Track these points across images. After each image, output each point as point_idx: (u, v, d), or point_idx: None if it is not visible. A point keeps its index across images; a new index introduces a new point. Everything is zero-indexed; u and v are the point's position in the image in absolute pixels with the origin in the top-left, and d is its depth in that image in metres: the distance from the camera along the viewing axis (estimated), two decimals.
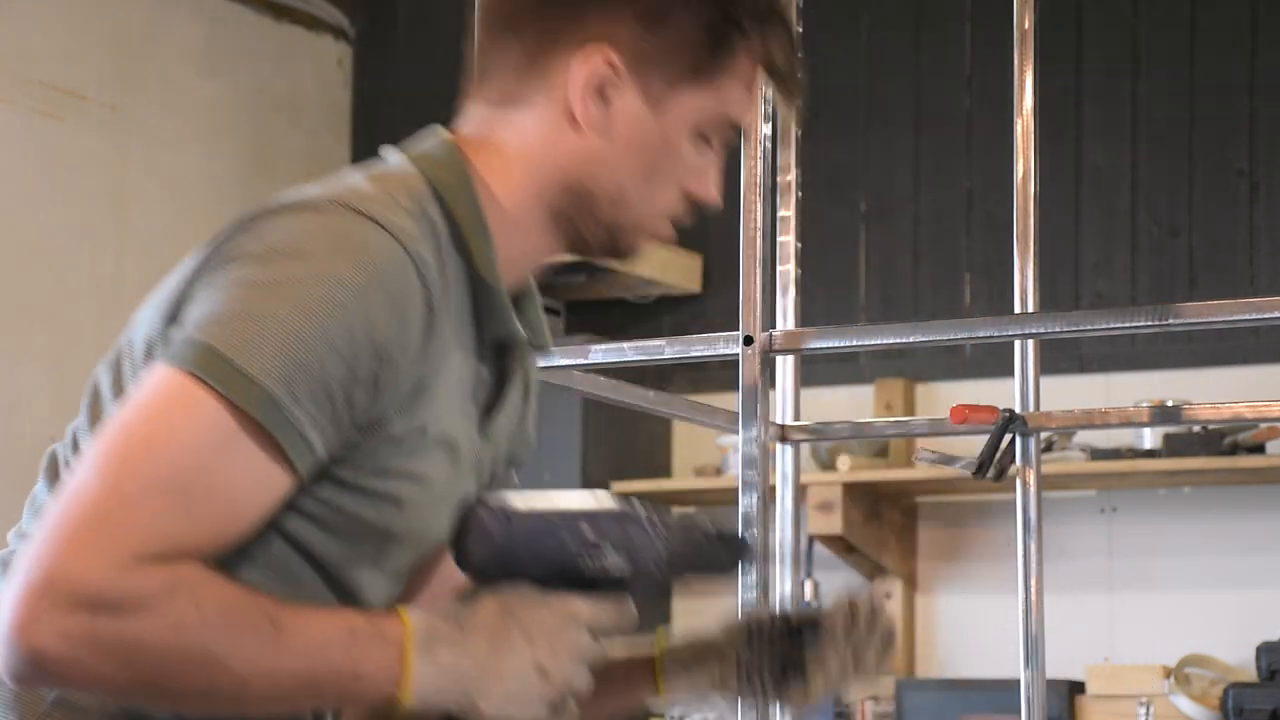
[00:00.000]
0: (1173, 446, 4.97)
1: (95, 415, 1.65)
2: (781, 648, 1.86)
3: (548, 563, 1.62)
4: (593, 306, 5.83)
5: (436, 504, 1.68)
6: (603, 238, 1.76)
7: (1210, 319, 2.12)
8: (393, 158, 1.74)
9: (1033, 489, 2.51)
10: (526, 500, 1.64)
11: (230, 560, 1.57)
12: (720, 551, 1.71)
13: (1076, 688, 5.02)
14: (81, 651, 1.47)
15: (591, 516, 1.63)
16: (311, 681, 1.53)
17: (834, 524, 5.20)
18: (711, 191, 1.77)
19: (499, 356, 1.75)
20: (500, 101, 1.74)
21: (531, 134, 1.72)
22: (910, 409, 5.47)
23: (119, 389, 1.62)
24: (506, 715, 1.58)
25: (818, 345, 2.25)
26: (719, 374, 5.33)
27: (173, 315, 1.59)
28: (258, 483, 1.53)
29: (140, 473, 1.49)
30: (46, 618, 1.46)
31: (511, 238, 1.72)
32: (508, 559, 1.61)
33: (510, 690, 1.58)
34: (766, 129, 2.22)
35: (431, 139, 1.75)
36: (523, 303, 1.79)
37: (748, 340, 2.19)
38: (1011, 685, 2.64)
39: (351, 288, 1.55)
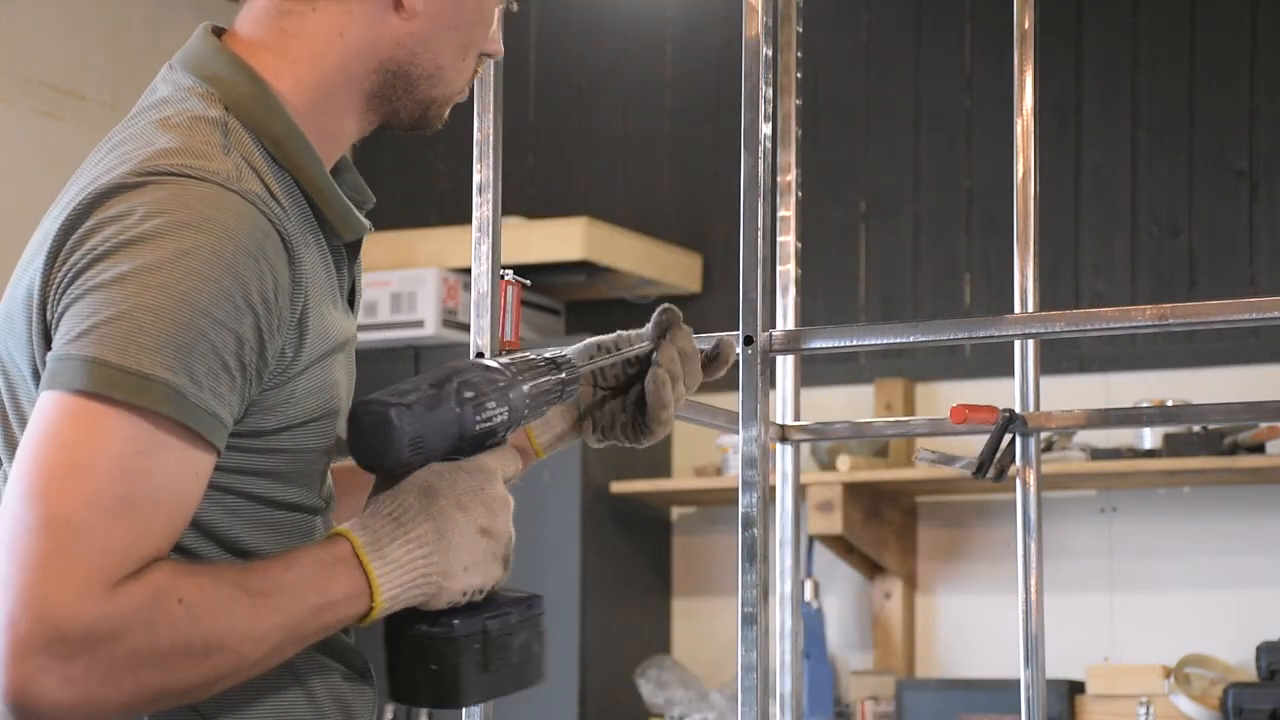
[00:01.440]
0: (1173, 446, 4.97)
1: (9, 440, 1.64)
2: (629, 392, 1.93)
3: (448, 435, 1.65)
4: (593, 306, 5.83)
5: (347, 397, 1.74)
6: (417, 114, 1.81)
7: (1210, 319, 2.12)
8: (178, 81, 1.73)
9: (1033, 489, 2.51)
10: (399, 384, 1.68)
11: (209, 533, 1.63)
12: (562, 379, 1.78)
13: (1076, 688, 5.02)
14: (91, 688, 1.48)
15: (463, 379, 1.67)
16: (296, 630, 1.57)
17: (834, 524, 5.21)
18: (500, 46, 1.85)
19: (349, 245, 1.78)
20: (305, 2, 1.74)
21: (346, 24, 1.74)
22: (910, 409, 5.47)
23: (20, 417, 1.62)
24: (473, 585, 1.65)
25: (818, 345, 2.25)
26: None
27: (45, 336, 1.59)
28: (188, 471, 1.54)
29: (82, 502, 1.48)
30: (47, 672, 1.46)
31: (321, 130, 1.74)
32: (418, 445, 1.64)
33: (467, 560, 1.64)
34: (766, 129, 2.22)
35: (211, 54, 1.74)
36: (340, 173, 1.82)
37: (748, 340, 2.19)
38: (1011, 685, 2.64)
39: (210, 255, 1.55)
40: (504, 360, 1.75)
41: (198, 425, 1.53)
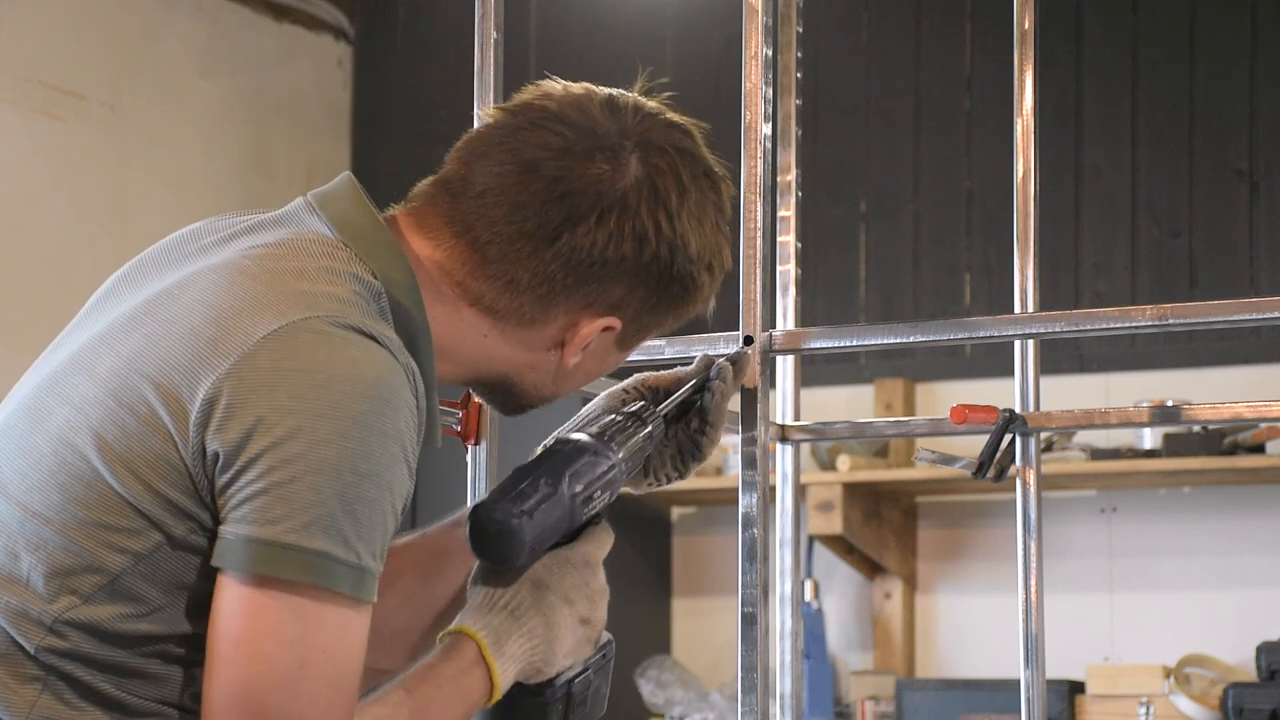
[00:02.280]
0: (1173, 446, 4.97)
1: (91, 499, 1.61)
2: (678, 436, 2.00)
3: (560, 530, 1.77)
4: None
5: None
6: (511, 410, 1.88)
7: (1210, 319, 2.12)
8: (326, 235, 1.72)
9: (1033, 489, 2.51)
10: (512, 478, 1.77)
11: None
12: (649, 433, 1.89)
13: (1076, 688, 5.02)
14: None
15: (574, 471, 1.78)
16: None
17: (834, 524, 5.20)
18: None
19: None
20: (470, 296, 1.76)
21: (497, 340, 1.78)
22: (910, 409, 5.47)
23: (83, 483, 1.60)
24: (564, 667, 1.77)
25: (818, 345, 2.25)
26: None
27: (209, 471, 1.58)
28: (365, 639, 1.61)
29: (309, 699, 1.55)
30: None
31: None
32: (536, 549, 1.75)
33: (567, 648, 1.77)
34: (766, 129, 2.22)
35: (371, 225, 1.74)
36: None
37: (748, 340, 2.19)
38: (1011, 685, 2.64)
39: (400, 436, 1.60)
40: (595, 430, 1.84)
41: (370, 596, 1.60)
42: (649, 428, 1.89)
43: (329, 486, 1.55)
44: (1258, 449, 4.94)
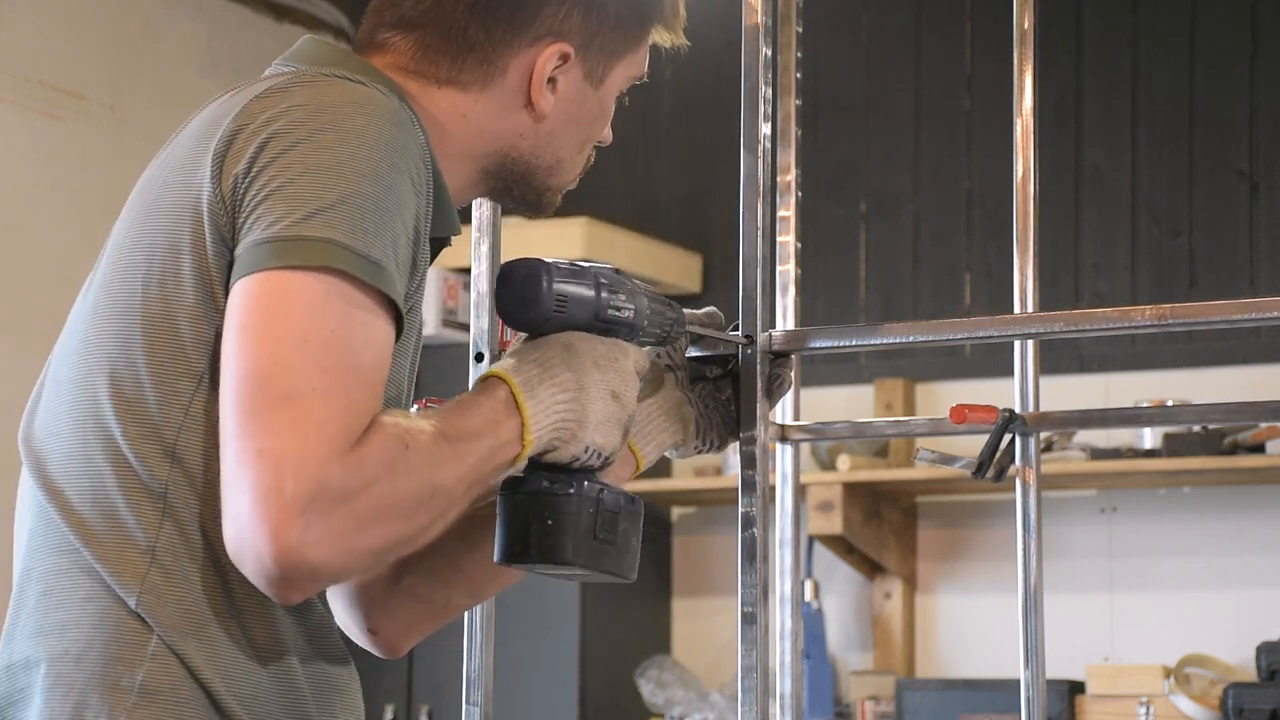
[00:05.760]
0: (1173, 446, 4.97)
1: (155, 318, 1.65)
2: (725, 403, 2.06)
3: (585, 308, 1.79)
4: None
5: (410, 375, 1.80)
6: (532, 199, 1.92)
7: (1210, 319, 2.11)
8: (300, 69, 1.77)
9: (1033, 489, 2.51)
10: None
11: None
12: (675, 318, 1.91)
13: (1076, 688, 5.02)
14: (350, 539, 1.53)
15: (598, 270, 1.81)
16: (480, 472, 1.65)
17: (834, 524, 5.21)
18: (609, 133, 1.94)
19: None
20: (430, 79, 1.81)
21: (471, 110, 1.82)
22: (910, 409, 5.47)
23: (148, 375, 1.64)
24: (596, 443, 1.75)
25: (818, 345, 2.24)
26: None
27: (230, 210, 1.61)
28: (389, 343, 1.61)
29: (320, 368, 1.54)
30: (314, 528, 1.51)
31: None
32: (562, 304, 1.77)
33: (598, 417, 1.75)
34: (766, 129, 2.21)
35: (341, 55, 1.80)
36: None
37: (748, 339, 2.19)
38: (1011, 685, 2.64)
39: (386, 140, 1.62)
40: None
41: (395, 296, 1.60)
42: (675, 313, 1.91)
43: (329, 184, 1.58)
44: (1258, 449, 4.94)
